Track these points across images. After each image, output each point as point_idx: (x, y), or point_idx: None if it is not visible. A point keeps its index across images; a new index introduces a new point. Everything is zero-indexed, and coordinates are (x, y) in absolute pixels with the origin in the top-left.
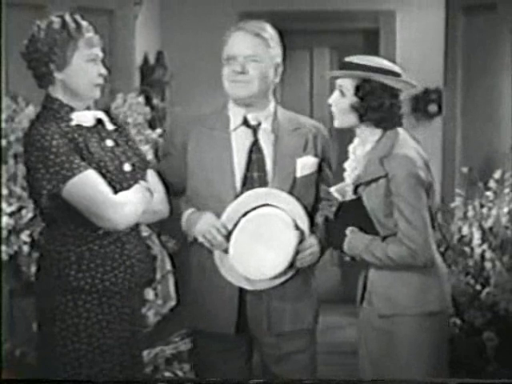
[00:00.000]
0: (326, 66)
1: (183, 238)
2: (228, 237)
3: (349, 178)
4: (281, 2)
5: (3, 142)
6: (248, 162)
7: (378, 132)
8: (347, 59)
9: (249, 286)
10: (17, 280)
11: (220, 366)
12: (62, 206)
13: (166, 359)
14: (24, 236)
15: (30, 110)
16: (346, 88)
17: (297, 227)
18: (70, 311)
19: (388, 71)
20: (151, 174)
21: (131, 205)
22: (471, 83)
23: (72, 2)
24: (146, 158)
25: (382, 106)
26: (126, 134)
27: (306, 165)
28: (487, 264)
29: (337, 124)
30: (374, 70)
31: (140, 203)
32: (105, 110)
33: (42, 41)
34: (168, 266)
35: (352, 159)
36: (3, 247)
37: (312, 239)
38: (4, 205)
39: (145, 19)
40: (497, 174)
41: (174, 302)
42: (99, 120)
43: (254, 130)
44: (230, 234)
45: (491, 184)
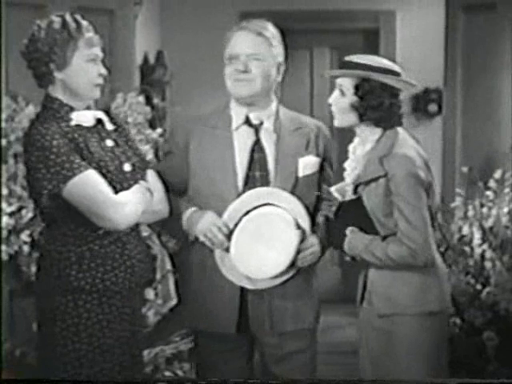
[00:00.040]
0: (326, 65)
1: (184, 238)
2: (229, 236)
3: (349, 177)
4: (281, 1)
5: (3, 142)
6: (250, 161)
7: (377, 131)
8: (347, 58)
9: (250, 285)
10: (17, 280)
11: (221, 365)
12: (62, 206)
13: (167, 359)
14: (24, 236)
15: (30, 110)
16: (346, 87)
17: (298, 226)
18: (70, 311)
19: (388, 70)
20: (151, 174)
21: (131, 205)
22: (471, 83)
23: (72, 2)
24: (146, 158)
25: (381, 106)
26: (126, 134)
27: (307, 164)
28: (487, 264)
29: (337, 123)
30: (374, 69)
31: (140, 203)
32: (105, 109)
33: (42, 40)
34: (168, 266)
35: (352, 159)
36: (3, 247)
37: (313, 239)
38: (4, 205)
39: (145, 19)
40: (497, 174)
41: (175, 301)
42: (99, 120)
43: (256, 129)
44: (232, 233)
45: (491, 184)
